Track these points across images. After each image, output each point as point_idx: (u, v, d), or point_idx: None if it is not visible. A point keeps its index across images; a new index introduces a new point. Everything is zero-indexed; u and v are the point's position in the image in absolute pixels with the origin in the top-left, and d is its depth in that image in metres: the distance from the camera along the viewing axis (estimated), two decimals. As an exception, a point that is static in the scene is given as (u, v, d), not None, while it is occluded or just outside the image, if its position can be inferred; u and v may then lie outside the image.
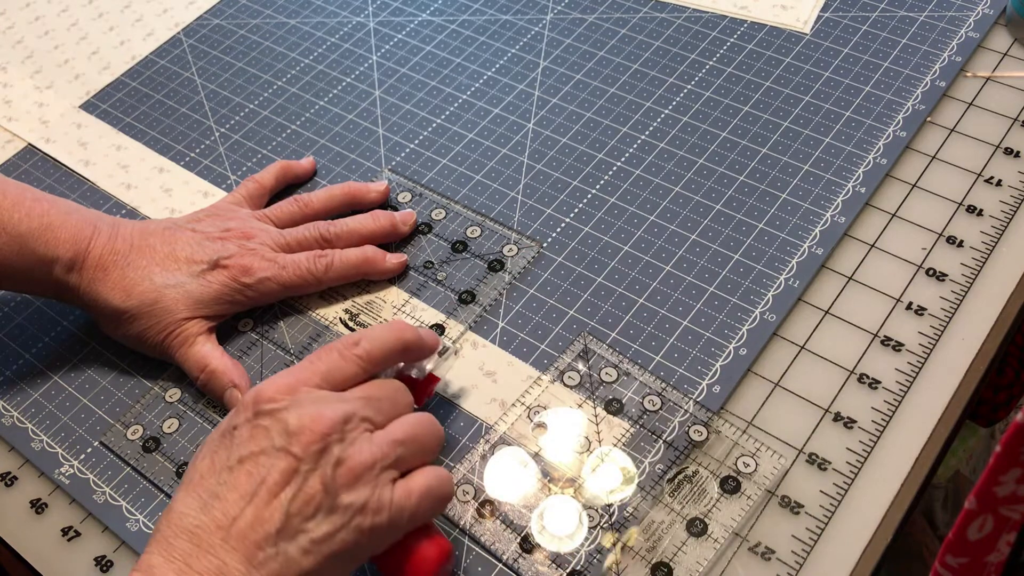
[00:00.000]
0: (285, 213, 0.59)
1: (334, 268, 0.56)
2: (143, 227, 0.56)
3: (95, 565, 0.49)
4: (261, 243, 0.56)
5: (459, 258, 0.58)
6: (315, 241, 0.57)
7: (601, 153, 0.63)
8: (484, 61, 0.70)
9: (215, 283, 0.54)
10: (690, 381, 0.51)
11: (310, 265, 0.55)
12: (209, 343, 0.53)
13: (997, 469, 0.34)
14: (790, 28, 0.68)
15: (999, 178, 0.58)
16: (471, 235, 0.59)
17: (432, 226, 0.60)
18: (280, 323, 0.57)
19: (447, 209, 0.61)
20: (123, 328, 0.54)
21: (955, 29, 0.66)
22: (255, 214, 0.59)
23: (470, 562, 0.47)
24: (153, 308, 0.52)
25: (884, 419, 0.49)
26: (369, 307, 0.56)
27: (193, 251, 0.54)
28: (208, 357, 0.53)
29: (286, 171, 0.63)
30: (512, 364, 0.53)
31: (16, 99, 0.73)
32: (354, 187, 0.60)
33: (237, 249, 0.55)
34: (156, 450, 0.52)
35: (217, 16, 0.78)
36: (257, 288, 0.54)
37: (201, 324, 0.54)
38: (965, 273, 0.54)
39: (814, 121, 0.62)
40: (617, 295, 0.55)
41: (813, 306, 0.54)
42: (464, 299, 0.56)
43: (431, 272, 0.57)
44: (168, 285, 0.53)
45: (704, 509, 0.46)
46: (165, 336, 0.53)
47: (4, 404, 0.55)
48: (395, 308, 0.56)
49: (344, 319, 0.56)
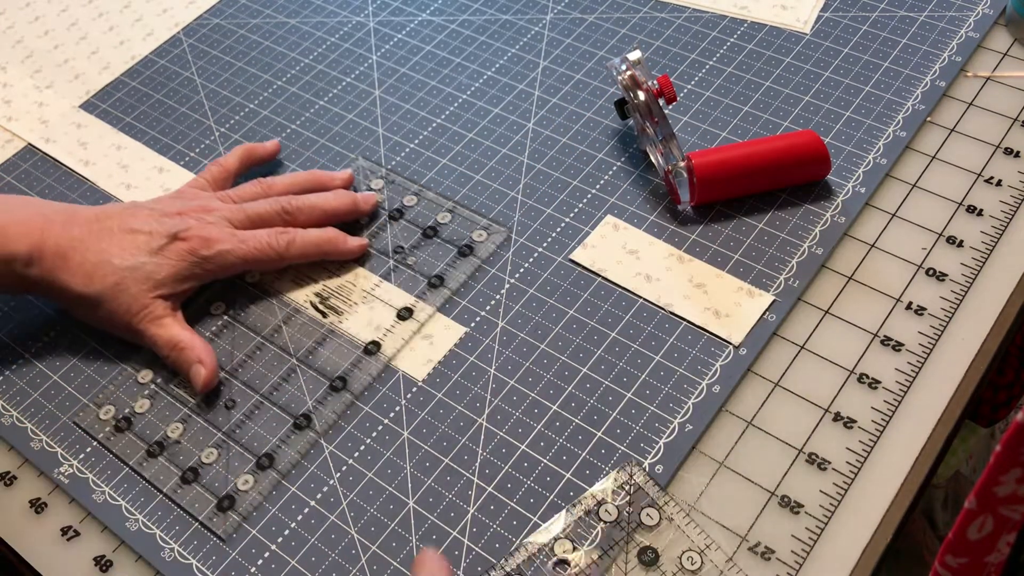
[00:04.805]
0: (248, 194, 0.59)
1: (296, 245, 0.57)
2: (101, 211, 0.56)
3: (95, 565, 0.49)
4: (221, 217, 0.56)
5: (429, 243, 0.59)
6: (276, 215, 0.58)
7: (601, 153, 0.63)
8: (484, 61, 0.70)
9: (174, 258, 0.54)
10: (690, 381, 0.51)
11: (271, 240, 0.56)
12: (176, 323, 0.54)
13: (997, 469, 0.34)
14: (790, 28, 0.68)
15: (999, 178, 0.58)
16: (441, 221, 0.60)
17: (404, 212, 0.61)
18: (252, 306, 0.57)
19: (419, 196, 0.62)
20: (91, 313, 0.54)
21: (955, 29, 0.66)
22: (218, 195, 0.59)
23: (469, 563, 0.47)
24: (115, 291, 0.53)
25: (884, 419, 0.49)
26: (339, 290, 0.57)
27: (152, 227, 0.55)
28: (176, 335, 0.53)
29: (250, 154, 0.64)
30: (449, 327, 0.55)
31: (16, 99, 0.73)
32: (318, 173, 0.62)
33: (196, 222, 0.55)
34: (128, 429, 0.53)
35: (217, 16, 0.78)
36: (216, 261, 0.55)
37: (166, 303, 0.54)
38: (965, 273, 0.54)
39: (814, 121, 0.62)
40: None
41: (813, 306, 0.54)
42: (433, 283, 0.57)
43: (401, 256, 0.58)
44: (128, 267, 0.53)
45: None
46: (131, 317, 0.53)
47: (4, 404, 0.55)
48: (365, 292, 0.57)
49: (315, 302, 0.57)
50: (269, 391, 0.53)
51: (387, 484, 0.50)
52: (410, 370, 0.54)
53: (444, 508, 0.48)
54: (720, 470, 0.48)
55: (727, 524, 0.47)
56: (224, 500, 0.50)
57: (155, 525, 0.49)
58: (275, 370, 0.54)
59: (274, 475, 0.50)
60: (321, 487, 0.50)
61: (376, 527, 0.48)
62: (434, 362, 0.54)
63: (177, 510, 0.50)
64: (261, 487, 0.50)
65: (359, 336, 0.55)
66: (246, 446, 0.51)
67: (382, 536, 0.48)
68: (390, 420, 0.52)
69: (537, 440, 0.50)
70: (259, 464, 0.51)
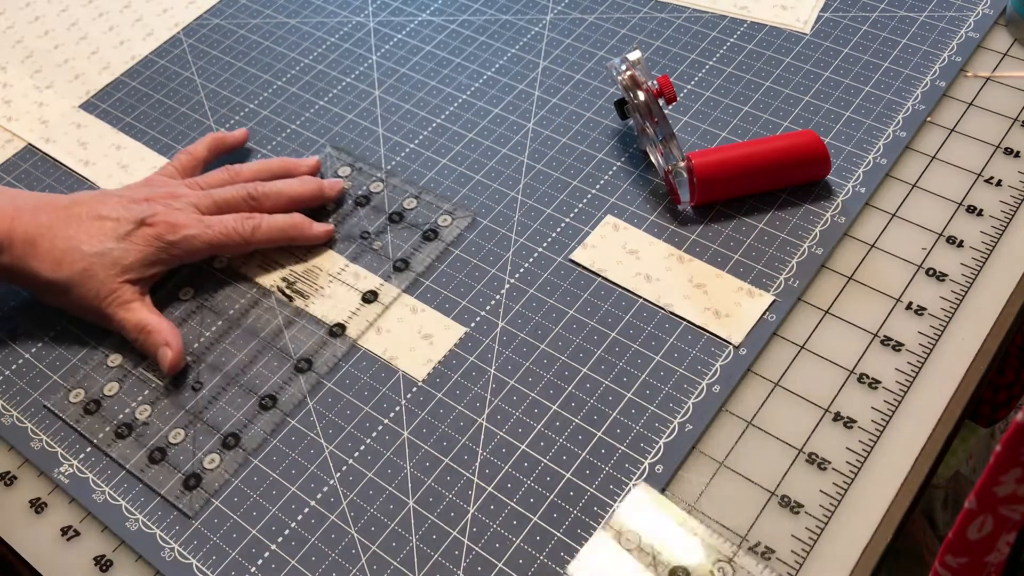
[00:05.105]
0: (216, 181, 0.60)
1: (261, 230, 0.57)
2: (70, 198, 0.57)
3: (94, 564, 0.49)
4: (188, 203, 0.57)
5: (395, 228, 0.60)
6: (242, 200, 0.59)
7: (601, 153, 0.63)
8: (484, 61, 0.70)
9: (141, 243, 0.55)
10: (690, 381, 0.51)
11: (236, 225, 0.57)
12: (144, 307, 0.55)
13: (997, 469, 0.34)
14: (790, 28, 0.68)
15: (999, 178, 0.58)
16: (407, 206, 0.61)
17: (370, 198, 0.62)
18: (220, 291, 0.58)
19: (385, 182, 0.63)
20: (60, 299, 0.55)
21: (955, 29, 0.66)
22: (186, 182, 0.60)
23: (469, 563, 0.47)
24: (84, 276, 0.54)
25: (884, 419, 0.49)
26: (306, 275, 0.58)
27: (119, 213, 0.56)
28: (143, 319, 0.54)
29: (219, 142, 0.64)
30: (449, 328, 0.55)
31: (16, 99, 0.73)
32: (285, 160, 0.63)
33: (163, 208, 0.56)
34: (97, 411, 0.54)
35: (217, 16, 0.78)
36: (182, 246, 0.56)
37: (134, 288, 0.55)
38: (965, 273, 0.54)
39: (814, 121, 0.62)
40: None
41: (813, 306, 0.54)
42: (398, 266, 0.58)
43: (367, 241, 0.59)
44: (96, 253, 0.54)
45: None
46: (100, 302, 0.54)
47: (4, 404, 0.55)
48: (331, 276, 0.58)
49: (281, 287, 0.58)
50: (235, 373, 0.55)
51: (387, 484, 0.50)
52: (410, 370, 0.54)
53: (444, 508, 0.48)
54: (720, 470, 0.48)
55: (727, 524, 0.47)
56: (190, 478, 0.51)
57: (155, 525, 0.49)
58: (242, 352, 0.55)
59: (240, 453, 0.51)
60: (321, 487, 0.50)
61: (376, 527, 0.48)
62: (434, 362, 0.54)
63: (177, 511, 0.50)
64: (227, 465, 0.51)
65: (325, 319, 0.56)
66: (212, 426, 0.53)
67: (382, 536, 0.48)
68: (390, 420, 0.52)
69: (537, 440, 0.50)
70: (225, 443, 0.52)
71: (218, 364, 0.55)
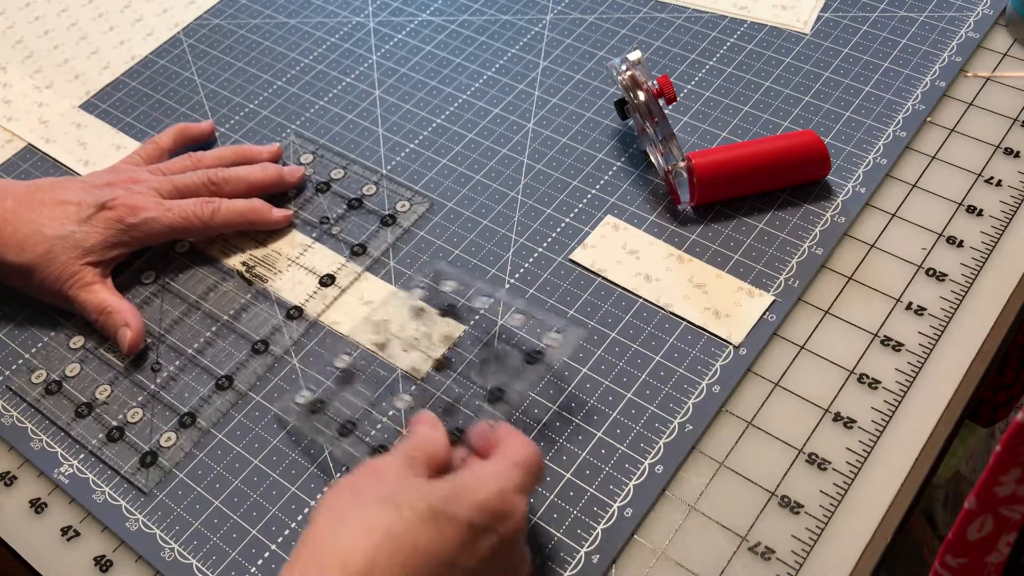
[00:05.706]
0: (177, 167, 0.61)
1: (220, 214, 0.58)
2: (33, 184, 0.58)
3: (95, 565, 0.49)
4: (149, 187, 0.58)
5: (354, 214, 0.61)
6: (202, 185, 0.60)
7: (601, 153, 0.63)
8: (484, 61, 0.70)
9: (102, 226, 0.56)
10: (690, 381, 0.51)
11: (196, 209, 0.58)
12: (105, 288, 0.56)
13: (997, 469, 0.34)
14: (790, 28, 0.68)
15: (999, 178, 0.58)
16: (367, 192, 0.62)
17: (331, 185, 0.63)
18: (181, 275, 0.60)
19: (346, 169, 0.64)
20: (23, 281, 0.56)
21: (955, 29, 0.66)
22: (148, 168, 0.61)
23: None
24: (46, 259, 0.55)
25: (884, 419, 0.49)
26: (265, 259, 0.59)
27: (81, 197, 0.57)
28: (104, 301, 0.55)
29: (184, 133, 0.66)
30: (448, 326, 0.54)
31: (16, 99, 0.73)
32: (247, 147, 0.64)
33: (124, 192, 0.57)
34: (58, 392, 0.55)
35: (217, 16, 0.78)
36: (142, 228, 0.57)
37: (95, 270, 0.56)
38: (965, 273, 0.54)
39: (814, 121, 0.62)
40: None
41: (813, 306, 0.54)
42: (356, 251, 0.59)
43: (327, 227, 0.60)
44: (58, 236, 0.55)
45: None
46: (62, 284, 0.55)
47: (4, 404, 0.55)
48: (290, 260, 0.59)
49: (241, 270, 0.59)
50: (194, 354, 0.56)
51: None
52: (410, 368, 0.54)
53: (444, 508, 0.48)
54: (720, 470, 0.48)
55: (727, 524, 0.47)
56: (147, 456, 0.52)
57: (155, 525, 0.49)
58: (201, 335, 0.57)
59: (196, 432, 0.52)
60: (321, 487, 0.50)
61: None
62: (433, 361, 0.54)
63: (177, 511, 0.50)
64: (183, 443, 0.52)
65: (283, 301, 0.57)
66: (170, 405, 0.54)
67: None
68: (389, 419, 0.52)
69: (537, 440, 0.50)
70: (181, 422, 0.53)
71: (177, 347, 0.56)
